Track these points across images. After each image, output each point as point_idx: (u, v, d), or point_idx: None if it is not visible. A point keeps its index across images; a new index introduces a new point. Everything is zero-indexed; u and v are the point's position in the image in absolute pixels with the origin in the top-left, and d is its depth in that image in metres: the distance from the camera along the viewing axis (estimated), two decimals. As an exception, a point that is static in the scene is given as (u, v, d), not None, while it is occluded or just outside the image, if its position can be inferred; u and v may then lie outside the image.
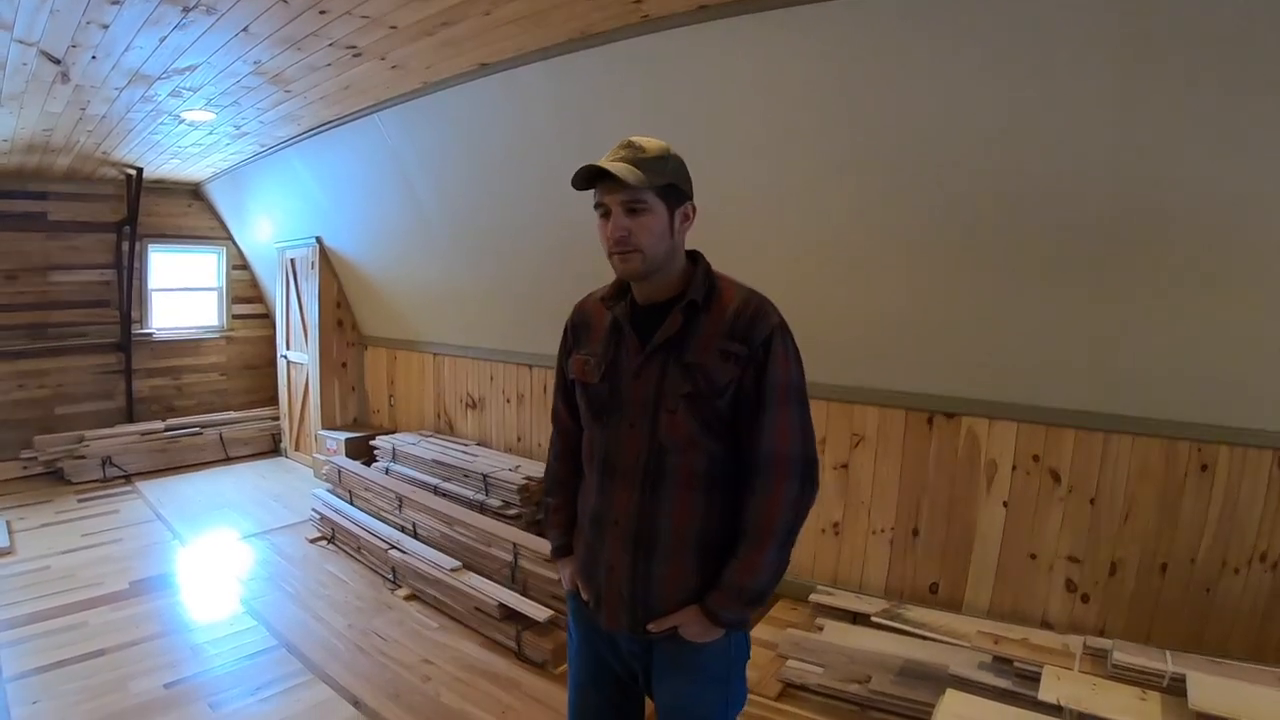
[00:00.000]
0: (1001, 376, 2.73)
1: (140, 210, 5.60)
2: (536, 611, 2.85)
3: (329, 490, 4.52)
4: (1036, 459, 2.73)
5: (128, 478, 5.34)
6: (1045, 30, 1.97)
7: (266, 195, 5.51)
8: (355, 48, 2.86)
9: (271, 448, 6.23)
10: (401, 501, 3.91)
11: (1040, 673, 2.15)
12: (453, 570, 3.24)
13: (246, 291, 6.71)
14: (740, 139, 2.71)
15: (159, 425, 5.75)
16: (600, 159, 1.25)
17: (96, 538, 4.11)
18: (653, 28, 2.54)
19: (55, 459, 5.21)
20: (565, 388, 1.50)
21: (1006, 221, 2.39)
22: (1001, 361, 2.70)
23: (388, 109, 3.72)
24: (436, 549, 3.49)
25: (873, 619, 2.84)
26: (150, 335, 6.09)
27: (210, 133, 4.32)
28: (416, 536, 3.71)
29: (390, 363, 5.61)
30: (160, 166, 5.31)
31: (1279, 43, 1.72)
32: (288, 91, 3.48)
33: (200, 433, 5.85)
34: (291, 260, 5.71)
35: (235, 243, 6.56)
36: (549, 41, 2.77)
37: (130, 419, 5.87)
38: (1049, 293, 2.45)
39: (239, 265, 6.65)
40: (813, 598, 3.09)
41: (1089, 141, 2.10)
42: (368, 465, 4.71)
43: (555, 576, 2.91)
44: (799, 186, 2.72)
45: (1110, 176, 2.13)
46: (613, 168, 1.20)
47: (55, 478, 5.20)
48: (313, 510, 4.32)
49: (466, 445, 4.71)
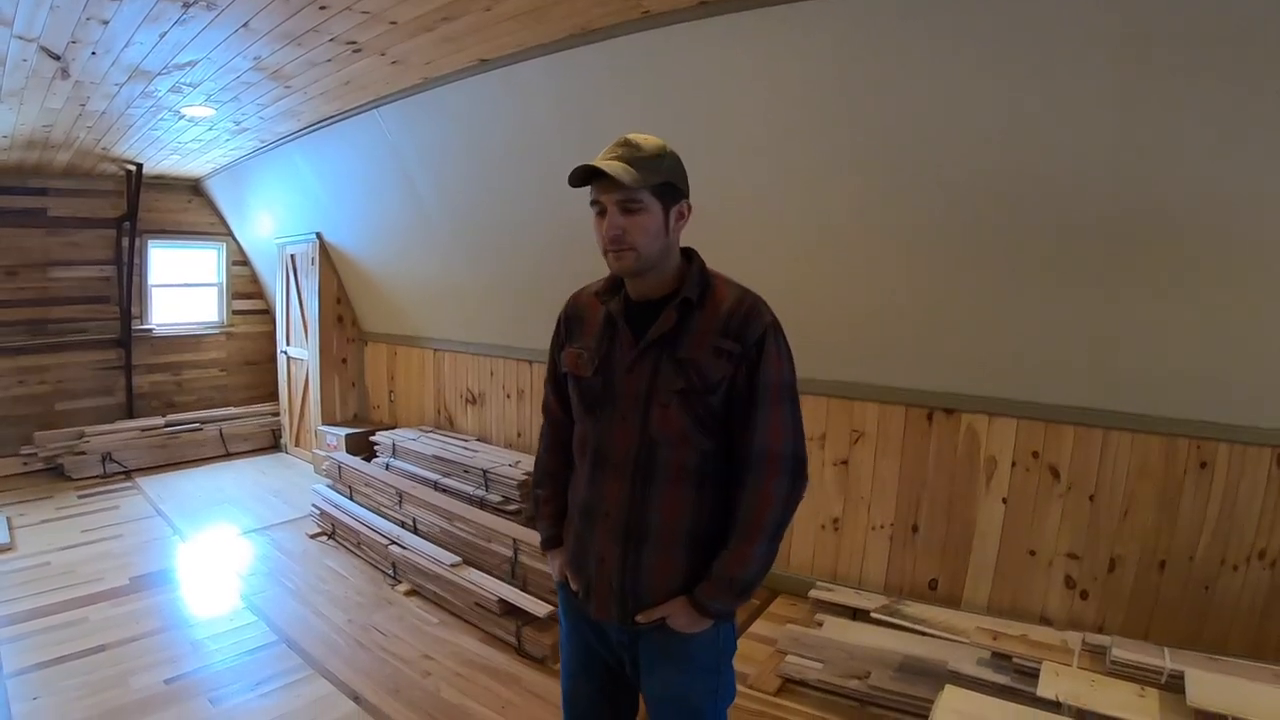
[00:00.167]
0: (1001, 373, 2.74)
1: (140, 206, 5.58)
2: (536, 607, 2.86)
3: (329, 486, 4.52)
4: (1036, 455, 2.73)
5: (128, 473, 5.34)
6: (1045, 30, 1.97)
7: (266, 191, 5.50)
8: (355, 43, 2.86)
9: (272, 443, 6.23)
10: (401, 497, 3.92)
11: (1039, 669, 2.17)
12: (453, 565, 3.25)
13: (247, 287, 6.70)
14: (740, 136, 2.71)
15: (159, 421, 5.76)
16: (597, 156, 1.25)
17: (97, 533, 4.11)
18: (653, 24, 2.53)
19: (55, 455, 5.21)
20: (557, 380, 1.51)
21: (1006, 220, 2.39)
22: (1001, 359, 2.71)
23: (388, 105, 3.71)
24: (436, 544, 3.50)
25: (872, 615, 2.85)
26: (150, 331, 6.08)
27: (210, 128, 4.31)
28: (416, 532, 3.72)
29: (390, 358, 5.61)
30: (160, 162, 5.30)
31: (1279, 42, 1.72)
32: (288, 87, 3.47)
33: (200, 428, 5.85)
34: (291, 256, 5.71)
35: (235, 238, 6.55)
36: (549, 37, 2.77)
37: (130, 415, 5.87)
38: (1049, 291, 2.46)
39: (239, 261, 6.64)
40: (812, 593, 3.10)
41: (1089, 141, 2.10)
42: (368, 461, 4.71)
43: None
44: (799, 184, 2.72)
45: (1110, 176, 2.13)
46: (608, 167, 1.20)
47: (55, 473, 5.20)
48: (313, 506, 4.33)
49: (466, 441, 4.72)
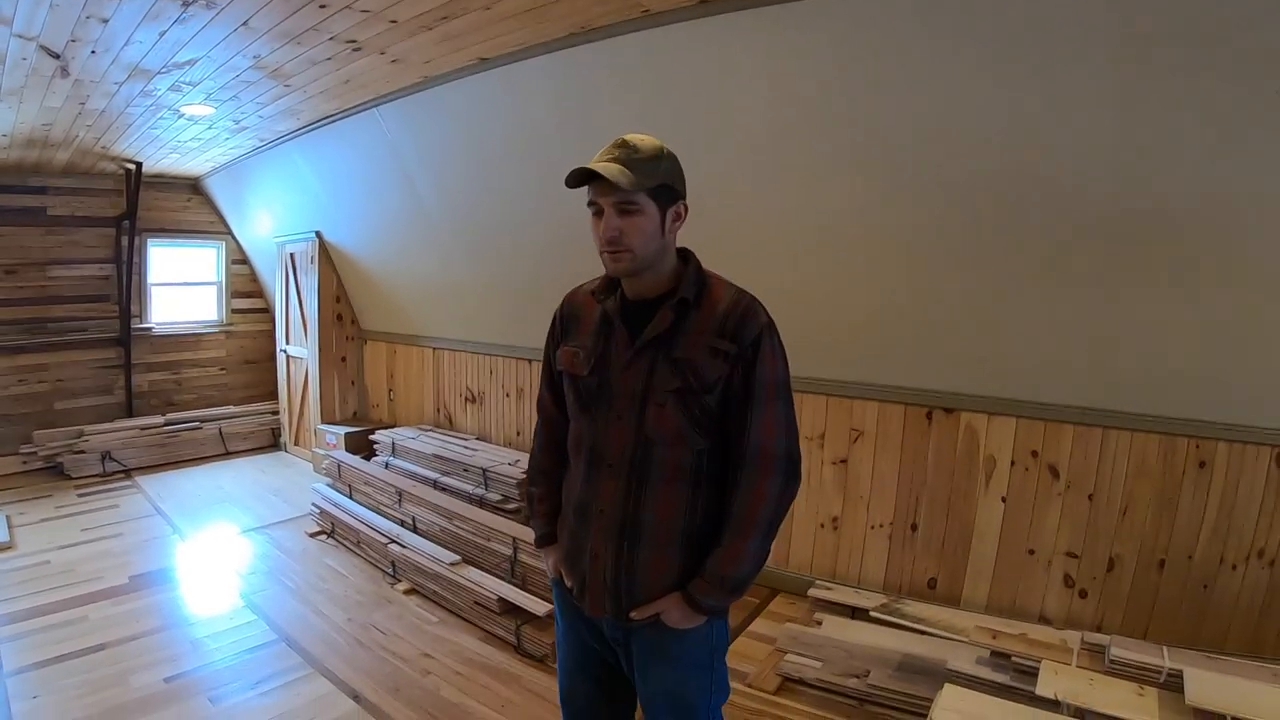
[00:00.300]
0: (1000, 373, 2.74)
1: (139, 205, 5.58)
2: (536, 606, 2.86)
3: (328, 485, 4.52)
4: (1035, 455, 2.74)
5: (127, 472, 5.34)
6: (1045, 30, 1.97)
7: (266, 190, 5.49)
8: (355, 42, 2.85)
9: (271, 442, 6.23)
10: (401, 496, 3.92)
11: (1038, 668, 2.17)
12: (452, 564, 3.25)
13: (246, 286, 6.69)
14: (740, 135, 2.71)
15: (159, 420, 5.75)
16: (595, 157, 1.25)
17: (96, 532, 4.11)
18: (652, 23, 2.53)
19: (55, 454, 5.21)
20: (552, 378, 1.52)
21: (1006, 220, 2.39)
22: (1001, 358, 2.71)
23: (387, 103, 3.71)
24: (436, 543, 3.50)
25: (871, 614, 2.85)
26: (150, 330, 6.07)
27: (210, 127, 4.31)
28: (416, 531, 3.72)
29: (390, 357, 5.61)
30: (159, 161, 5.30)
31: (1279, 42, 1.72)
32: (287, 86, 3.47)
33: (200, 427, 5.85)
34: (291, 255, 5.70)
35: (234, 237, 6.54)
36: (549, 36, 2.77)
37: (130, 414, 5.87)
38: (1049, 291, 2.46)
39: (238, 260, 6.63)
40: (811, 592, 3.11)
41: (1089, 141, 2.10)
42: (367, 460, 4.71)
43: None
44: (799, 183, 2.72)
45: (1110, 176, 2.13)
46: (604, 170, 1.21)
47: (55, 472, 5.20)
48: (312, 505, 4.33)
49: (466, 440, 4.72)
